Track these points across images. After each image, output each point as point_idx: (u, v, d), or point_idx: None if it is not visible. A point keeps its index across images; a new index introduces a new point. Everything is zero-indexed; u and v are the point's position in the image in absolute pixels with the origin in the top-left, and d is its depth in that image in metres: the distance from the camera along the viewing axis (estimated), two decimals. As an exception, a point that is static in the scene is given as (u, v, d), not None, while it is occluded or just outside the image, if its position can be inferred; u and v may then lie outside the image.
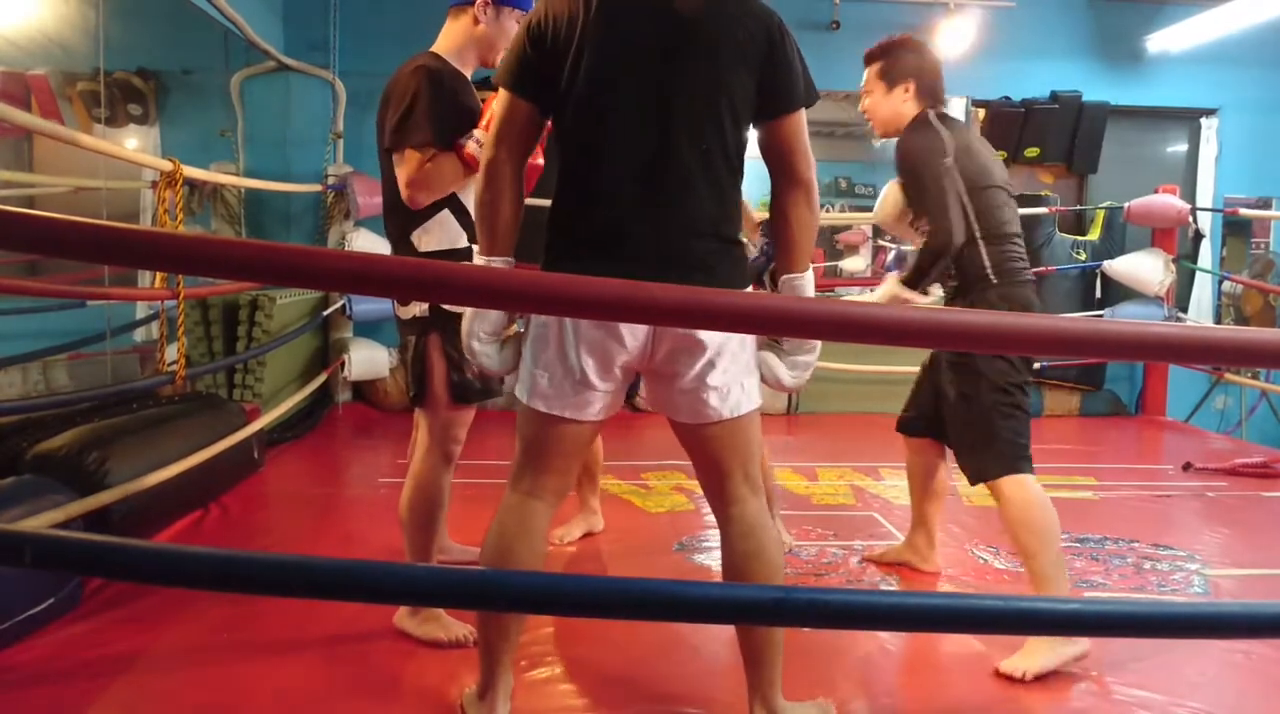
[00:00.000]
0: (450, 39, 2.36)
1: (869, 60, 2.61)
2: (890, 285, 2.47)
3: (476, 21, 2.33)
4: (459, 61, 2.35)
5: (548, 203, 1.79)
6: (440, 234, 2.27)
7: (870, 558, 3.03)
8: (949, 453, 2.69)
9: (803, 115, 1.75)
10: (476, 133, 2.18)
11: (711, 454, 1.79)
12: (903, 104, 2.54)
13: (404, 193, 2.19)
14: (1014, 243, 2.46)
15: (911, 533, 2.94)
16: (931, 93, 2.55)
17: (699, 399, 1.73)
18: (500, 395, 2.42)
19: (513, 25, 2.34)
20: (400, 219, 2.29)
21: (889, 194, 2.64)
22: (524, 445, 1.81)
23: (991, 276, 2.41)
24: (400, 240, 2.31)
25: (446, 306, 2.24)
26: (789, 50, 1.72)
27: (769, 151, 1.77)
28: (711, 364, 1.71)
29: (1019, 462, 2.34)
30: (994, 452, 2.35)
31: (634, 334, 1.69)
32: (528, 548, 1.79)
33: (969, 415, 2.39)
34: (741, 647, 1.83)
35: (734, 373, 1.74)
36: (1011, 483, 2.32)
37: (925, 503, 2.87)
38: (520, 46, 1.73)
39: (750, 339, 1.77)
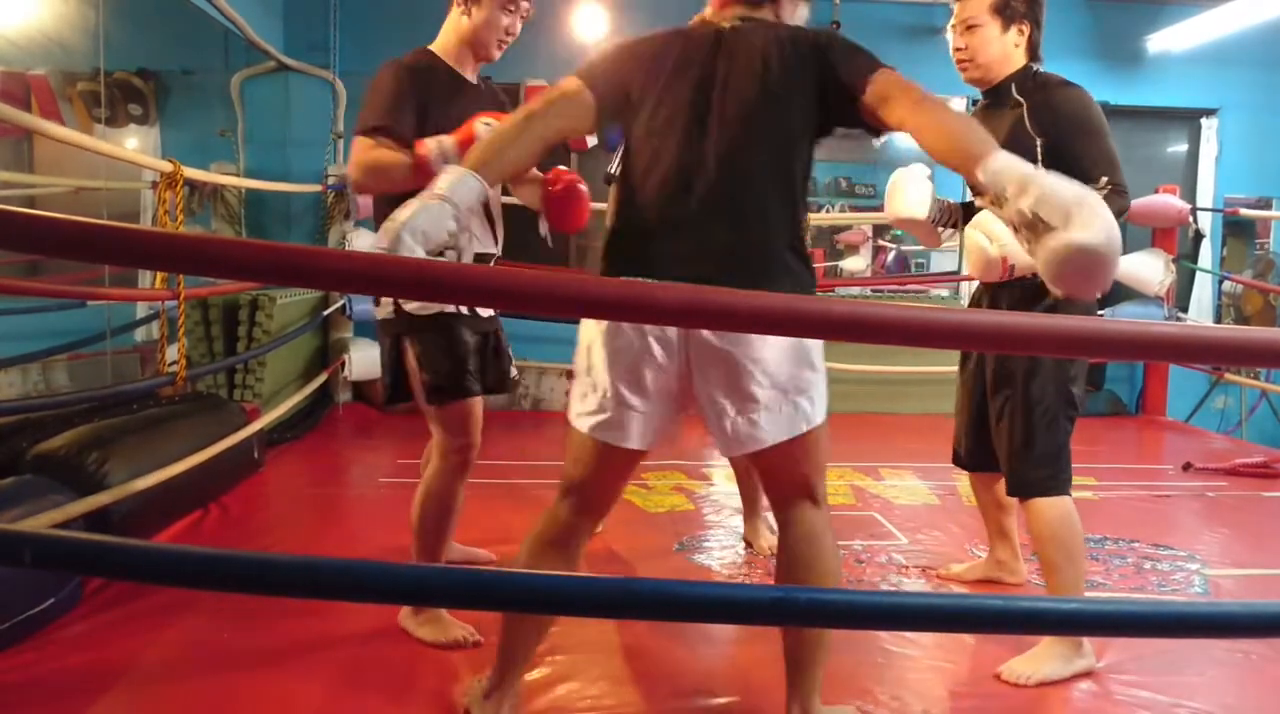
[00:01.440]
0: (444, 37, 2.36)
1: None
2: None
3: (461, 17, 2.32)
4: (454, 59, 2.33)
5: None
6: None
7: (948, 576, 2.86)
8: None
9: (891, 72, 1.68)
10: (444, 139, 2.11)
11: (773, 472, 1.79)
12: (1015, 48, 2.27)
13: (349, 174, 2.20)
14: None
15: (993, 548, 2.80)
16: (1036, 48, 2.31)
17: (749, 420, 1.68)
18: (477, 393, 2.36)
19: (498, 14, 2.31)
20: (385, 214, 2.29)
21: (914, 183, 2.39)
22: (570, 461, 1.82)
23: None
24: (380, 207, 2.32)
25: (411, 308, 2.24)
26: (844, 42, 1.74)
27: (882, 113, 1.67)
28: (761, 384, 1.66)
29: (1062, 484, 2.26)
30: (1051, 469, 2.24)
31: (665, 348, 1.67)
32: (563, 565, 1.80)
33: (1028, 422, 2.24)
34: (785, 648, 1.82)
35: (790, 390, 1.68)
36: (1053, 503, 2.24)
37: (998, 517, 2.73)
38: (617, 60, 1.81)
39: (808, 350, 1.71)
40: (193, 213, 5.25)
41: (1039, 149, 2.17)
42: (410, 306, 2.25)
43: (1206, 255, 6.42)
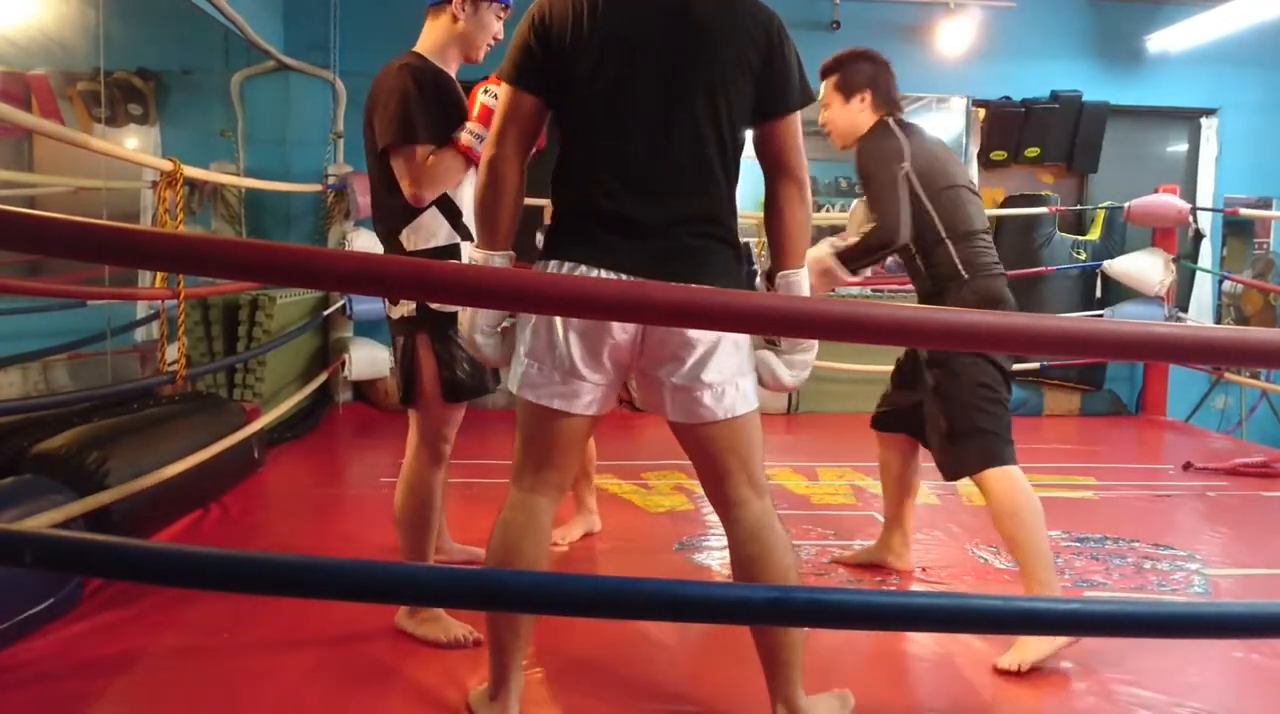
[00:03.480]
0: (431, 38, 2.37)
1: (825, 74, 2.66)
2: (824, 249, 2.50)
3: (455, 19, 2.34)
4: (441, 60, 2.35)
5: (545, 202, 1.79)
6: (428, 232, 2.28)
7: (841, 560, 2.98)
8: (921, 451, 2.72)
9: (798, 116, 1.77)
10: (470, 125, 2.19)
11: (709, 455, 1.79)
12: (859, 114, 2.59)
13: (409, 191, 2.19)
14: (981, 238, 2.51)
15: (885, 533, 2.91)
16: (888, 101, 2.60)
17: (692, 398, 1.72)
18: (492, 391, 2.43)
19: (492, 19, 2.36)
20: (389, 218, 2.30)
21: (857, 212, 2.68)
22: (522, 440, 1.82)
23: (963, 272, 2.46)
24: (388, 238, 2.32)
25: (434, 306, 2.26)
26: (788, 53, 1.74)
27: (765, 151, 1.79)
28: (703, 362, 1.70)
29: (1002, 452, 2.37)
30: (975, 446, 2.38)
31: (624, 325, 1.69)
32: (533, 544, 1.80)
33: (949, 409, 2.41)
34: (759, 649, 1.82)
35: (729, 372, 1.73)
36: (996, 475, 2.35)
37: (900, 500, 2.86)
38: (525, 42, 1.74)
39: (745, 339, 1.77)
40: (193, 212, 5.25)
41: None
42: (434, 304, 2.27)
43: (1206, 255, 6.42)
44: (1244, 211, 6.20)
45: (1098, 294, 6.05)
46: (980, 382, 2.39)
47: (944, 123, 6.18)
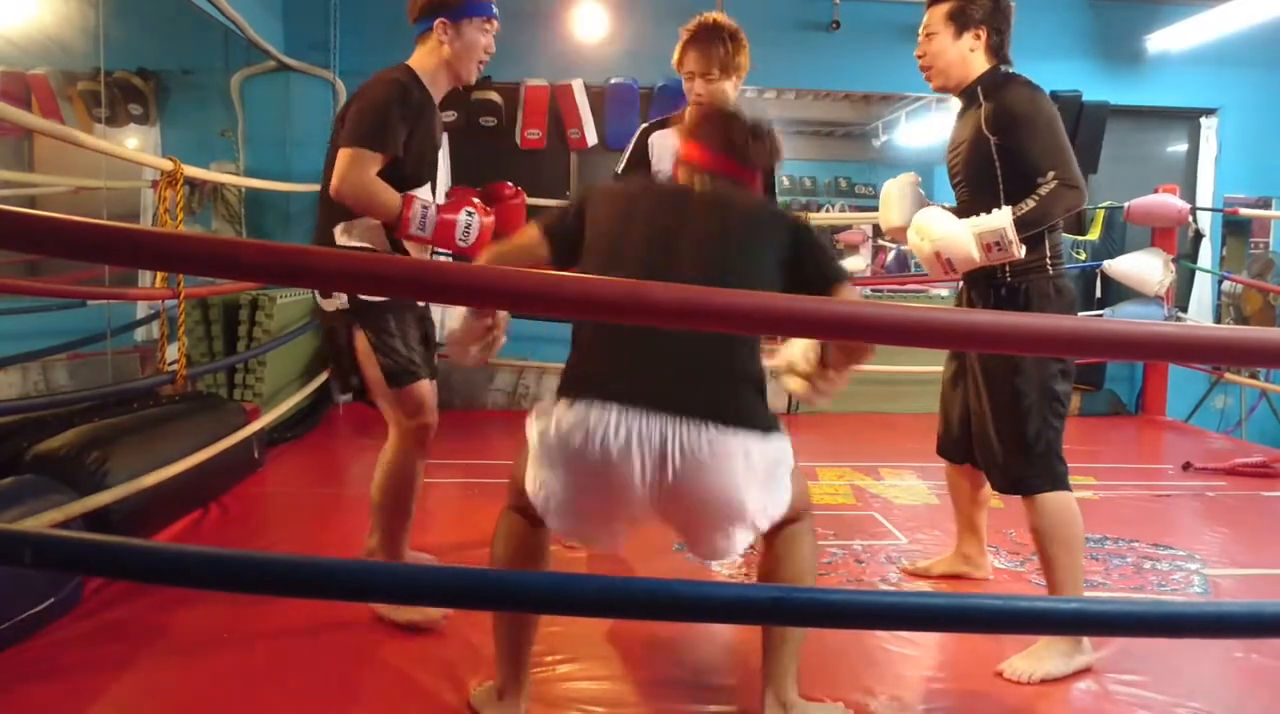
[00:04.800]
0: (422, 60, 2.40)
1: None
2: (1002, 218, 2.16)
3: (441, 44, 2.37)
4: (431, 83, 2.39)
5: (546, 202, 1.81)
6: (362, 237, 2.33)
7: (914, 571, 2.88)
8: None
9: (849, 290, 1.86)
10: (430, 211, 2.28)
11: None
12: (970, 54, 2.33)
13: (334, 183, 2.24)
14: (1061, 233, 2.36)
15: (960, 542, 2.82)
16: (1000, 50, 2.35)
17: (721, 547, 1.77)
18: (433, 376, 2.47)
19: (478, 37, 2.39)
20: (330, 210, 2.33)
21: (897, 191, 2.51)
22: (515, 491, 1.87)
23: (1049, 264, 2.29)
24: (323, 229, 2.37)
25: (366, 297, 2.31)
26: (814, 239, 1.87)
27: None
28: (730, 524, 1.73)
29: (1064, 479, 2.29)
30: (1039, 463, 2.27)
31: (644, 485, 1.68)
32: (538, 561, 1.89)
33: (1014, 419, 2.27)
34: (762, 632, 1.89)
35: (756, 517, 1.75)
36: (1058, 498, 2.27)
37: (971, 512, 2.75)
38: (570, 209, 1.90)
39: (775, 474, 1.76)
40: (193, 212, 5.25)
41: (993, 148, 2.26)
42: (364, 296, 2.31)
43: (1206, 255, 6.42)
44: (1244, 211, 6.20)
45: (1097, 294, 6.05)
46: (1054, 392, 2.26)
47: (944, 123, 6.18)
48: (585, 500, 1.73)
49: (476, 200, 2.39)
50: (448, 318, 1.93)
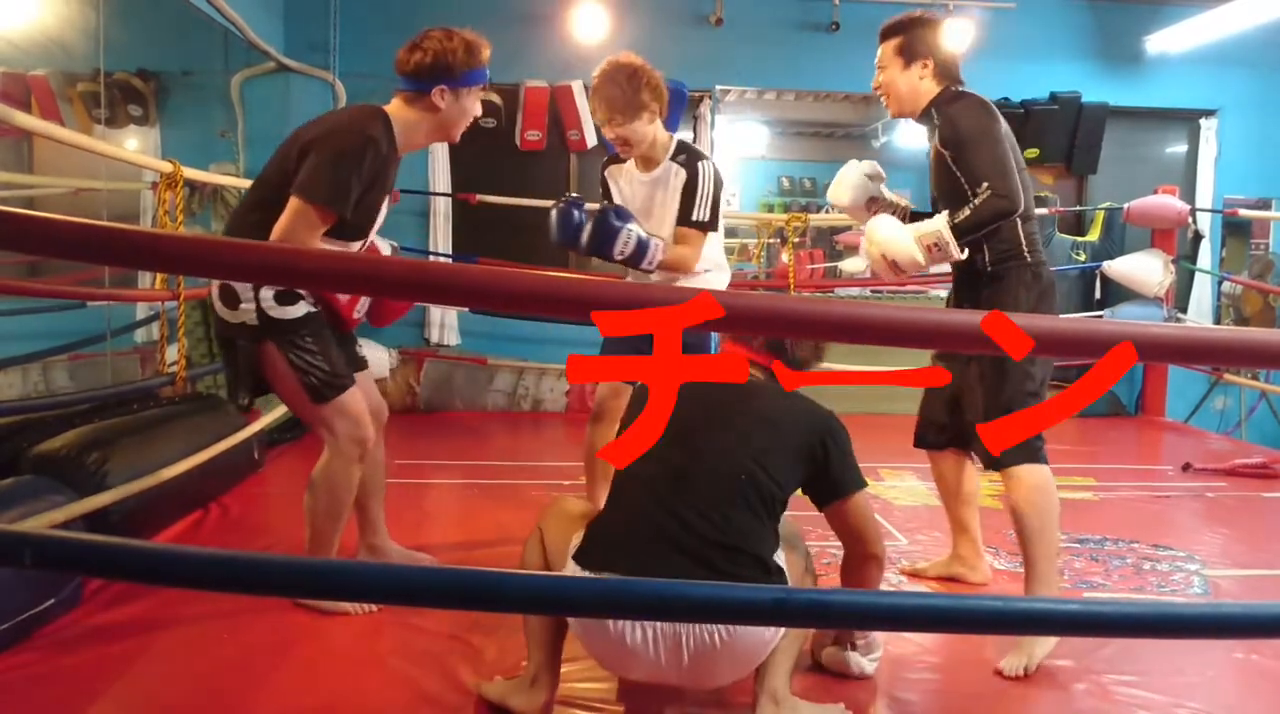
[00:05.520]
0: (404, 114, 2.36)
1: (885, 35, 2.53)
2: (937, 223, 2.34)
3: (435, 107, 2.34)
4: (406, 137, 2.35)
5: (545, 203, 1.80)
6: None
7: (911, 572, 2.91)
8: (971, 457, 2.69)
9: (863, 497, 1.98)
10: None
11: None
12: (920, 81, 2.49)
13: (277, 231, 2.19)
14: (1036, 224, 2.48)
15: (956, 545, 2.85)
16: (948, 72, 2.50)
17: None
18: (353, 381, 2.40)
19: (474, 104, 2.38)
20: (242, 228, 2.30)
21: (849, 174, 2.60)
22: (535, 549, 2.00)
23: (1027, 254, 2.41)
24: (239, 233, 2.32)
25: (276, 313, 2.25)
26: (843, 446, 1.95)
27: (839, 531, 2.05)
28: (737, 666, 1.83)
29: (1040, 453, 2.38)
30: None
31: (662, 672, 1.80)
32: None
33: (996, 400, 2.37)
34: None
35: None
36: (1034, 471, 2.37)
37: (960, 510, 2.79)
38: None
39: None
40: (193, 213, 5.25)
41: (949, 162, 2.42)
42: (275, 312, 2.26)
43: (1206, 256, 6.42)
44: (1243, 212, 6.20)
45: (1097, 295, 6.05)
46: (1029, 373, 2.38)
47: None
48: (609, 655, 1.84)
49: None
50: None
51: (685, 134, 6.11)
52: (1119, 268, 5.81)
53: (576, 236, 2.63)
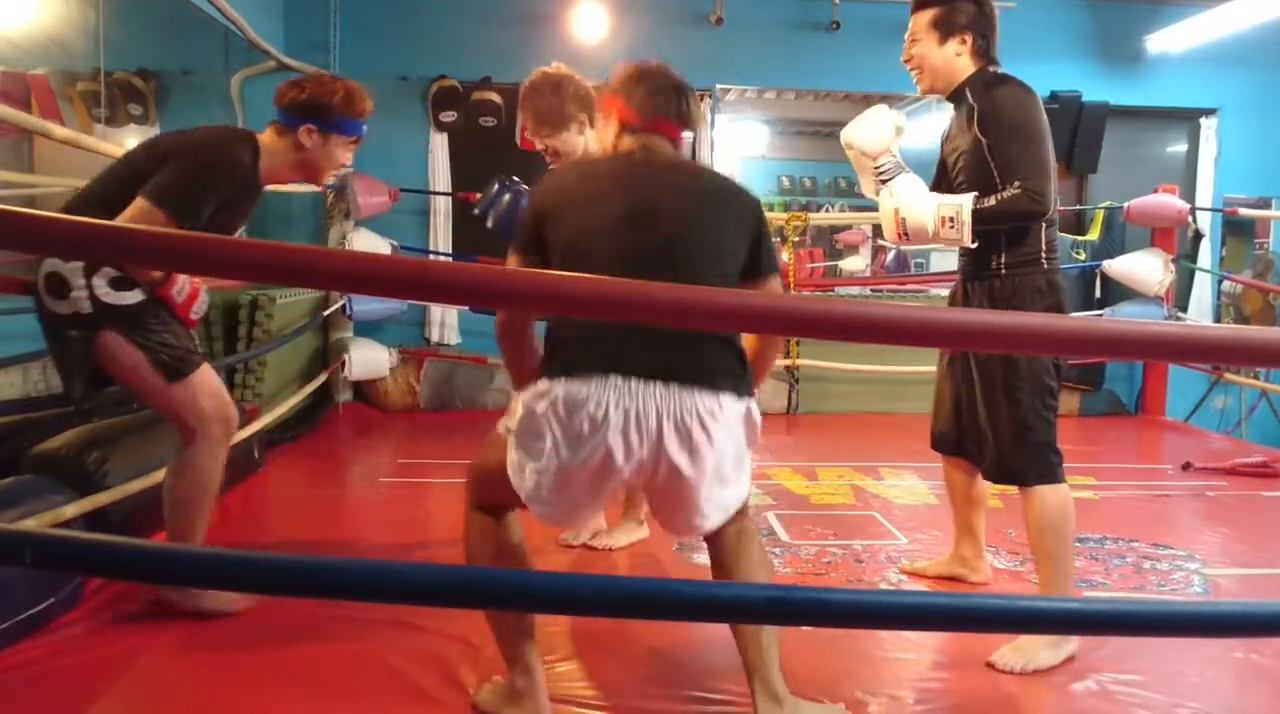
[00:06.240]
0: (273, 145, 2.36)
1: (921, 5, 2.40)
2: (962, 200, 2.27)
3: (300, 146, 2.33)
4: (268, 169, 2.34)
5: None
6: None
7: (911, 571, 2.89)
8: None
9: (776, 280, 1.93)
10: (187, 287, 2.27)
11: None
12: (957, 58, 2.37)
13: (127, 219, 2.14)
14: (1057, 230, 2.40)
15: (957, 545, 2.82)
16: (986, 51, 2.39)
17: (695, 524, 1.83)
18: (203, 359, 2.35)
19: (341, 152, 2.37)
20: (91, 217, 2.28)
21: (875, 116, 2.47)
22: (485, 483, 1.93)
23: (1044, 259, 2.33)
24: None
25: (110, 300, 2.20)
26: (766, 226, 1.91)
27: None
28: (708, 497, 1.77)
29: (1059, 470, 2.33)
30: (1034, 455, 2.31)
31: (632, 465, 1.72)
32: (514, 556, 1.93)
33: (1008, 413, 2.31)
34: (736, 636, 1.88)
35: (728, 495, 1.81)
36: (1054, 490, 2.31)
37: (968, 513, 2.76)
38: (529, 223, 1.86)
39: (742, 455, 1.81)
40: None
41: (985, 149, 2.30)
42: (110, 298, 2.21)
43: (1206, 255, 6.42)
44: (1243, 212, 6.20)
45: (1097, 294, 6.05)
46: (1046, 386, 2.31)
47: (944, 124, 6.18)
48: (580, 478, 1.73)
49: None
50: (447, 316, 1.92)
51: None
52: (1119, 267, 5.81)
53: (486, 213, 2.65)
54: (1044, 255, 2.33)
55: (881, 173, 2.42)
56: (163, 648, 2.26)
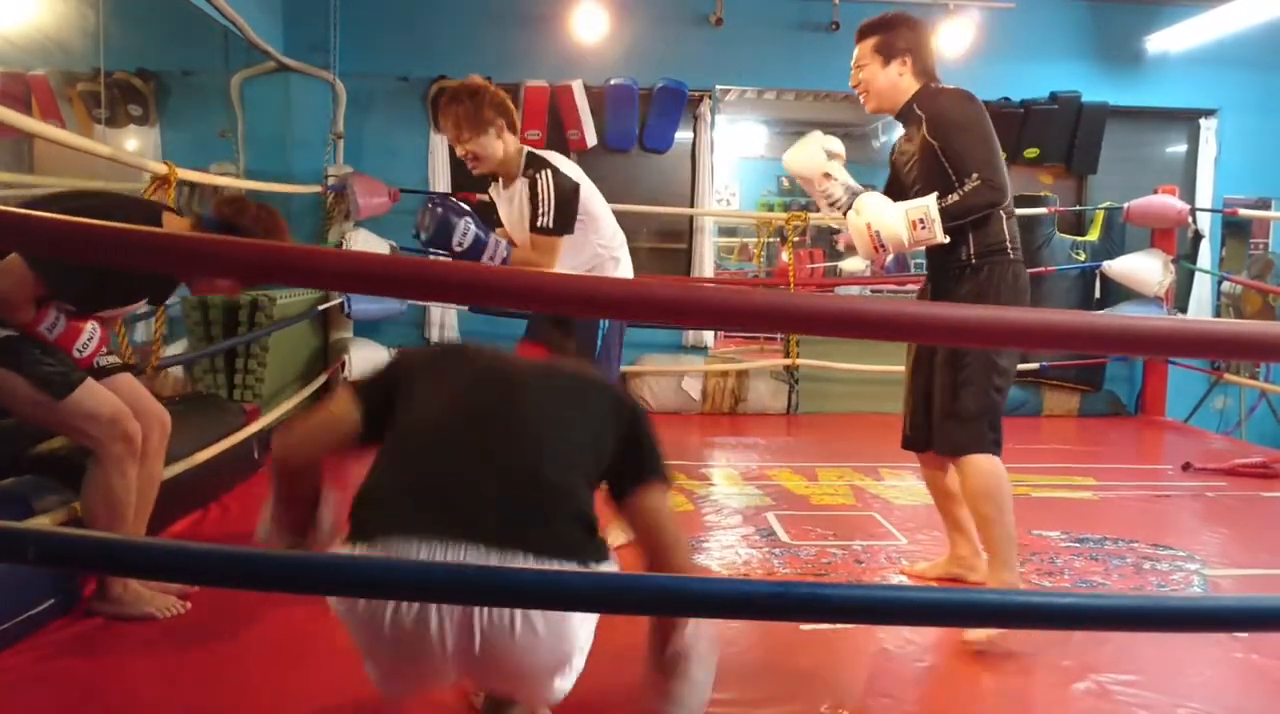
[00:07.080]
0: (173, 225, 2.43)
1: (863, 34, 2.58)
2: (927, 201, 2.38)
3: None
4: None
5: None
6: None
7: (912, 573, 2.90)
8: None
9: (662, 493, 1.76)
10: (61, 324, 2.24)
11: None
12: (900, 78, 2.55)
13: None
14: (1017, 222, 2.54)
15: (953, 545, 2.83)
16: (926, 70, 2.56)
17: (546, 697, 1.67)
18: (84, 376, 2.29)
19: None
20: None
21: (807, 143, 2.61)
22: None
23: (1009, 250, 2.47)
24: None
25: None
26: (647, 428, 1.74)
27: (627, 514, 1.80)
28: (555, 677, 1.62)
29: (996, 445, 2.47)
30: (976, 428, 2.45)
31: (445, 649, 1.52)
32: None
33: (960, 385, 2.45)
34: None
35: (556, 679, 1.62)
36: (983, 459, 2.45)
37: (952, 509, 2.78)
38: (382, 377, 1.78)
39: (569, 641, 1.61)
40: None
41: (938, 152, 2.46)
42: None
43: (1205, 256, 6.42)
44: (1243, 212, 6.20)
45: (1097, 295, 6.05)
46: (996, 365, 2.44)
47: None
48: (393, 668, 1.59)
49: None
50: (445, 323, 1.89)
51: (685, 134, 6.12)
52: (1119, 267, 5.81)
53: (419, 230, 2.76)
54: (1009, 245, 2.47)
55: (828, 196, 2.57)
56: (163, 648, 2.26)
